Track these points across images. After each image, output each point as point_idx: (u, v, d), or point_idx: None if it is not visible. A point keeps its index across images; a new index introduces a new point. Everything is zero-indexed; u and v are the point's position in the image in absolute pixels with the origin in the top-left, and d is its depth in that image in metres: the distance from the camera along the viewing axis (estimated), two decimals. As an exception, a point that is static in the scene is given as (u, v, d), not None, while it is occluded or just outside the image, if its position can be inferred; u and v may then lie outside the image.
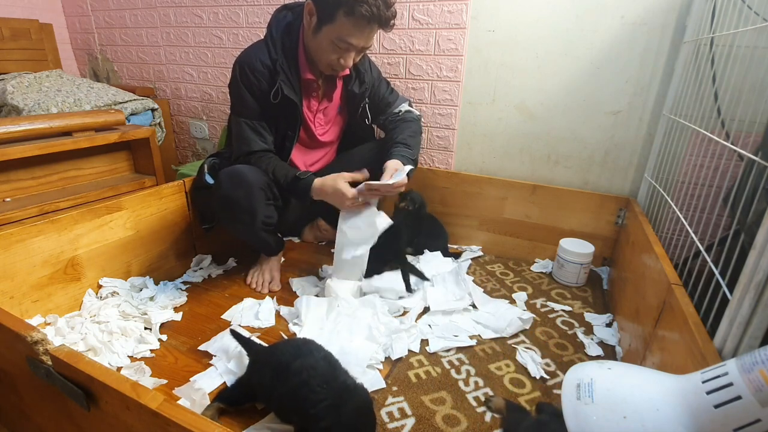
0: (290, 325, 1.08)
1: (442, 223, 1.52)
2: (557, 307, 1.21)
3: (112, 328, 1.00)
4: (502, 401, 0.85)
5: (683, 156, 1.16)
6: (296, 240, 1.60)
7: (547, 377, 0.94)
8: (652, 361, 0.82)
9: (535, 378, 0.94)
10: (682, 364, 0.68)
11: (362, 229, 1.17)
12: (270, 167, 1.15)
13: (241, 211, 1.12)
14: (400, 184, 1.11)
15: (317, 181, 1.13)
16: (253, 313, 1.12)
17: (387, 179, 1.10)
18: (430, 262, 1.37)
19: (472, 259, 1.49)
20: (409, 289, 1.21)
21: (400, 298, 1.19)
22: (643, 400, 0.56)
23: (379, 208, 1.20)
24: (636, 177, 1.39)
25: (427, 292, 1.21)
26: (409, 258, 1.37)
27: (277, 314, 1.14)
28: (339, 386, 0.74)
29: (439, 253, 1.42)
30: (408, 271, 1.26)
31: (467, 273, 1.37)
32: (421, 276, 1.27)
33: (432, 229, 1.49)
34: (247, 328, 1.07)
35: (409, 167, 1.16)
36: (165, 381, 0.89)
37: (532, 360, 0.98)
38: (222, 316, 1.12)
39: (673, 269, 0.87)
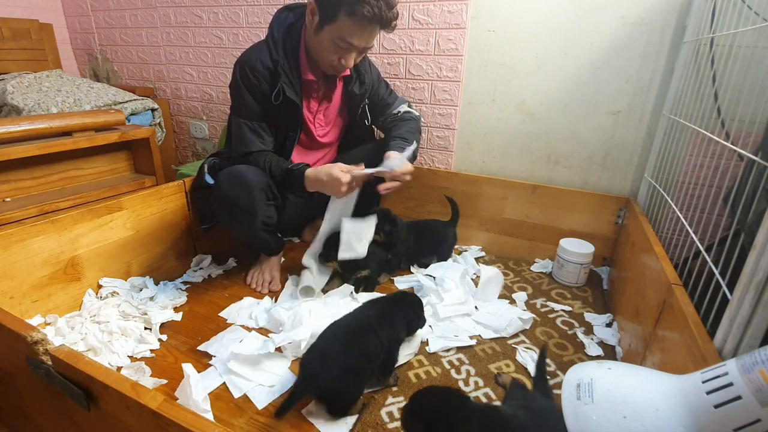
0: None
1: (444, 227, 1.44)
2: (557, 307, 1.21)
3: (112, 328, 1.00)
4: (509, 378, 0.91)
5: (683, 156, 1.16)
6: (296, 240, 1.60)
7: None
8: (652, 361, 0.82)
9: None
10: (682, 364, 0.68)
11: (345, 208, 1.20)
12: (267, 164, 1.15)
13: (241, 212, 1.12)
14: (404, 172, 1.11)
15: (310, 171, 1.11)
16: (248, 314, 1.12)
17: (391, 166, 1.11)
18: (436, 269, 1.35)
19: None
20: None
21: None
22: (643, 400, 0.56)
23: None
24: (636, 177, 1.39)
25: (432, 298, 1.19)
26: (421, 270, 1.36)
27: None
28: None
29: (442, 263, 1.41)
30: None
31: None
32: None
33: (431, 237, 1.43)
34: (245, 327, 1.07)
35: (407, 151, 1.14)
36: (165, 381, 0.89)
37: (532, 360, 0.98)
38: (219, 314, 1.12)
39: (673, 269, 0.87)
